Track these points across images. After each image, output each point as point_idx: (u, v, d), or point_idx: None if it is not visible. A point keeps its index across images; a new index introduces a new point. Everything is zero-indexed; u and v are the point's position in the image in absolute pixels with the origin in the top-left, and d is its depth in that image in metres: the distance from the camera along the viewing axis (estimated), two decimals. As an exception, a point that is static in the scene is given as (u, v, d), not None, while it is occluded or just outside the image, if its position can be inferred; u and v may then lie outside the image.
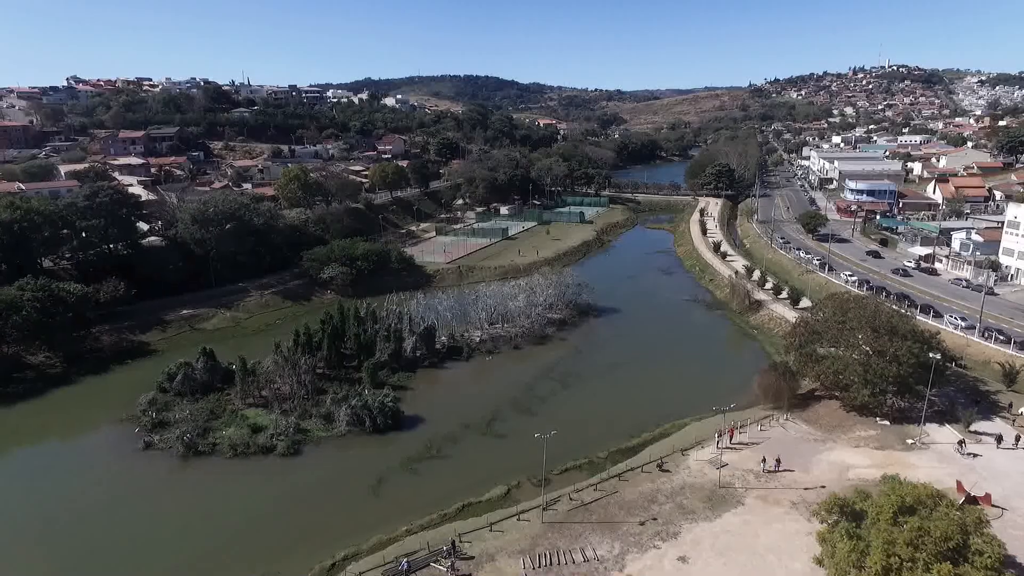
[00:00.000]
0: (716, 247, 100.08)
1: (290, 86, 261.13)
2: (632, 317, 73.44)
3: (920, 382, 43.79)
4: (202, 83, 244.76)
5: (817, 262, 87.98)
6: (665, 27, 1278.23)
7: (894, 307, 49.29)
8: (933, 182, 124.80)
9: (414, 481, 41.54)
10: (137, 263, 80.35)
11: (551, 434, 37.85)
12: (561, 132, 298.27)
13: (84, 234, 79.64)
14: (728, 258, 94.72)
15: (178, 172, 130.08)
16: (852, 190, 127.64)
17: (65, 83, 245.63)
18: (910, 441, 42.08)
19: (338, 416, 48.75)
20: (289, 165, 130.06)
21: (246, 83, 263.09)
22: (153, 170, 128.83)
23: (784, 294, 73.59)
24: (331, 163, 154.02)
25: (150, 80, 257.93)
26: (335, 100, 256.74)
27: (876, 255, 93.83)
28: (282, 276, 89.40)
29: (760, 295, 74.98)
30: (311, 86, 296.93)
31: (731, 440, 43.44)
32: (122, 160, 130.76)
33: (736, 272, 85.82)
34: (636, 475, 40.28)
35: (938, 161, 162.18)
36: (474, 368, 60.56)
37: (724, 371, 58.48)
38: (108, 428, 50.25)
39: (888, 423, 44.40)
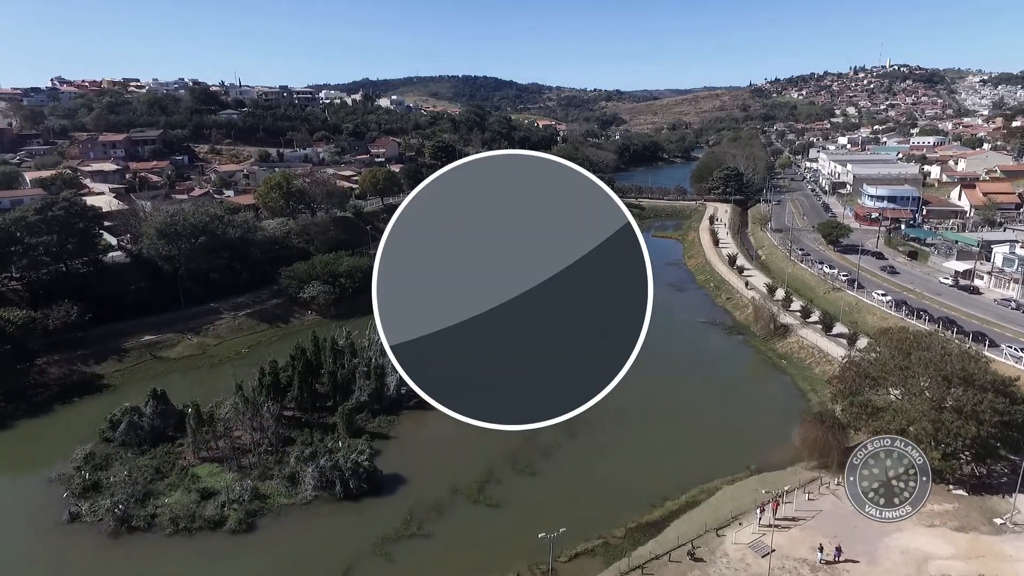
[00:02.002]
0: (731, 260, 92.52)
1: (281, 87, 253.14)
2: (644, 343, 65.74)
3: (1005, 444, 36.36)
4: (191, 83, 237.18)
5: (844, 278, 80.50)
6: (663, 27, 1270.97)
7: (965, 346, 41.66)
8: (958, 187, 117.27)
9: (389, 572, 33.92)
10: (96, 282, 72.60)
11: (560, 531, 30.29)
12: (561, 133, 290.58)
13: (40, 250, 71.90)
14: (745, 273, 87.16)
15: (154, 178, 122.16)
16: (871, 196, 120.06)
17: (49, 84, 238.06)
18: (999, 521, 34.57)
19: (304, 478, 41.18)
20: (276, 170, 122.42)
21: (236, 84, 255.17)
22: (128, 176, 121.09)
23: (814, 317, 66.01)
24: (321, 167, 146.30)
25: (137, 81, 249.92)
26: (328, 101, 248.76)
27: (879, 256, 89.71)
28: (259, 294, 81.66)
29: (786, 318, 67.43)
30: (308, 86, 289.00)
31: (775, 515, 35.88)
32: (95, 166, 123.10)
33: (756, 291, 78.47)
34: (662, 566, 32.68)
35: (956, 164, 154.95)
36: (467, 409, 52.89)
37: (753, 414, 50.94)
38: (34, 490, 42.57)
39: (964, 493, 36.90)
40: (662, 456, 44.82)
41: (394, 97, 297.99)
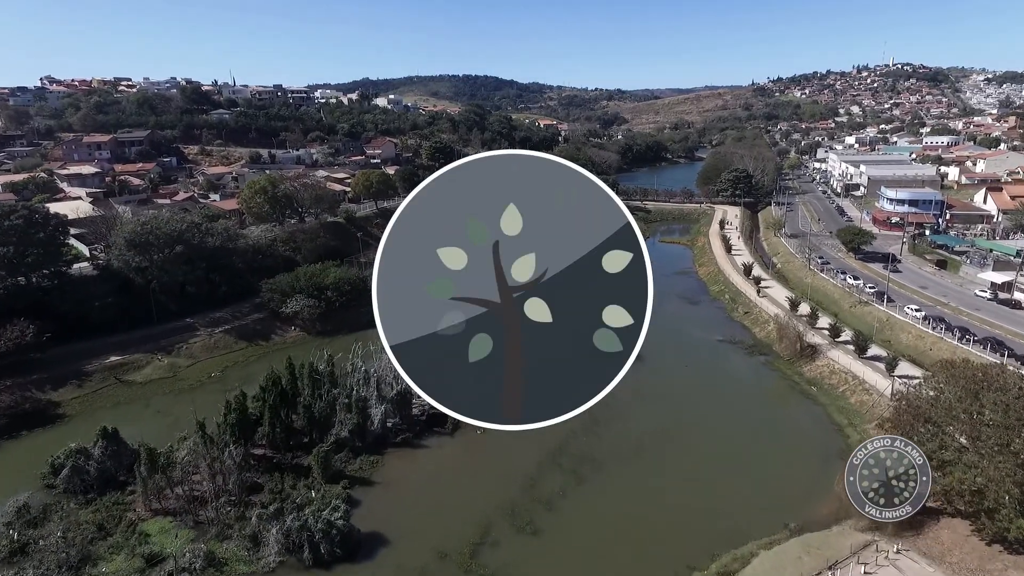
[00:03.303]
0: (747, 270, 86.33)
1: (275, 86, 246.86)
2: (656, 366, 59.04)
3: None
4: (183, 83, 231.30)
5: (870, 290, 74.44)
6: (664, 26, 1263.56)
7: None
8: (983, 190, 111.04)
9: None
10: (58, 298, 66.51)
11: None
12: (562, 133, 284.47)
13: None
14: (762, 283, 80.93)
15: (136, 181, 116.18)
16: (891, 200, 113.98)
17: (39, 83, 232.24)
18: (1105, 610, 28.72)
19: (267, 539, 35.21)
20: (267, 172, 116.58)
21: (230, 83, 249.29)
22: (108, 179, 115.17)
23: (844, 336, 59.95)
24: (313, 169, 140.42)
25: (129, 80, 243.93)
26: (323, 101, 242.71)
27: (892, 259, 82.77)
28: (239, 308, 75.63)
29: (812, 337, 61.37)
30: (307, 86, 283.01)
31: (827, 595, 29.95)
32: (73, 169, 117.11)
33: (777, 304, 72.42)
34: (696, 668, 26.78)
35: (975, 165, 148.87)
36: (460, 447, 46.81)
37: (785, 454, 44.93)
38: (-45, 552, 36.70)
39: (1055, 568, 30.93)
40: (683, 508, 38.76)
41: (391, 96, 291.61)
